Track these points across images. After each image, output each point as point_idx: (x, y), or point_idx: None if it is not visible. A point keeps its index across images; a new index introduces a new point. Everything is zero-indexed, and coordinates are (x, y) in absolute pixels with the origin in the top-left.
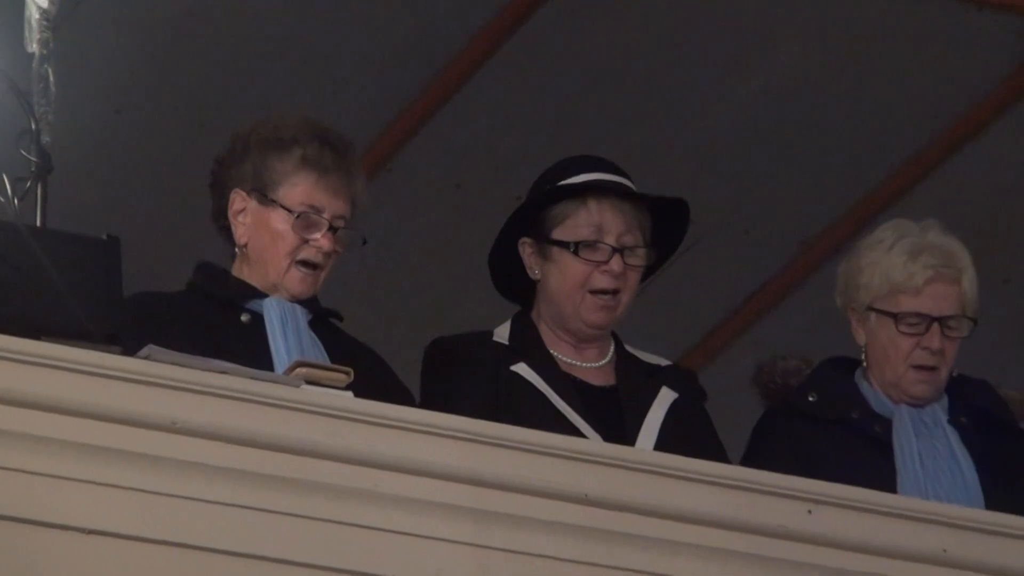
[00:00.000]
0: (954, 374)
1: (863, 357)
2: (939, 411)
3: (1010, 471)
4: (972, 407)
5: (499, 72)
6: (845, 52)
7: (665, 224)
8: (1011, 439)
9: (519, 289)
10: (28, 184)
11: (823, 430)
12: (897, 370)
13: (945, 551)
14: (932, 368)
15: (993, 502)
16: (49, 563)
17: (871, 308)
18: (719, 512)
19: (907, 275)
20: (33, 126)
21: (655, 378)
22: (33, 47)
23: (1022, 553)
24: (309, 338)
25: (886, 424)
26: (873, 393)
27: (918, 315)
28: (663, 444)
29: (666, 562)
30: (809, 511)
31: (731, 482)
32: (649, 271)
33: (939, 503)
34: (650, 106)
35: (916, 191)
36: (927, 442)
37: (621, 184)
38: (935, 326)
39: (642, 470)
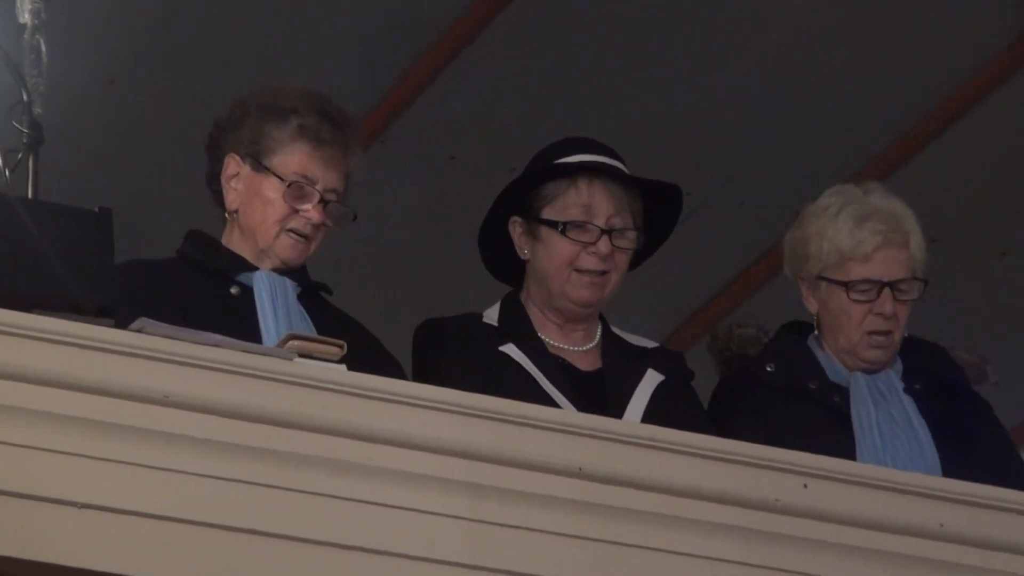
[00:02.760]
0: (905, 334)
1: (815, 324)
2: (894, 378)
3: (965, 436)
4: (926, 372)
5: (494, 44)
6: (843, 21)
7: (658, 209)
8: (965, 403)
9: (510, 269)
10: (20, 156)
11: (782, 400)
12: (851, 337)
13: (942, 525)
14: (886, 332)
15: (950, 468)
16: (43, 537)
17: (821, 277)
18: (715, 486)
19: (855, 242)
20: (25, 97)
21: (641, 361)
22: (25, 17)
23: (1018, 527)
24: (298, 312)
25: (844, 394)
26: (828, 360)
27: (868, 281)
28: None
29: (661, 536)
30: (805, 485)
31: (727, 456)
32: (642, 257)
33: (936, 477)
34: (646, 76)
35: (914, 162)
36: (884, 411)
37: (613, 166)
38: (886, 291)
39: (637, 444)
